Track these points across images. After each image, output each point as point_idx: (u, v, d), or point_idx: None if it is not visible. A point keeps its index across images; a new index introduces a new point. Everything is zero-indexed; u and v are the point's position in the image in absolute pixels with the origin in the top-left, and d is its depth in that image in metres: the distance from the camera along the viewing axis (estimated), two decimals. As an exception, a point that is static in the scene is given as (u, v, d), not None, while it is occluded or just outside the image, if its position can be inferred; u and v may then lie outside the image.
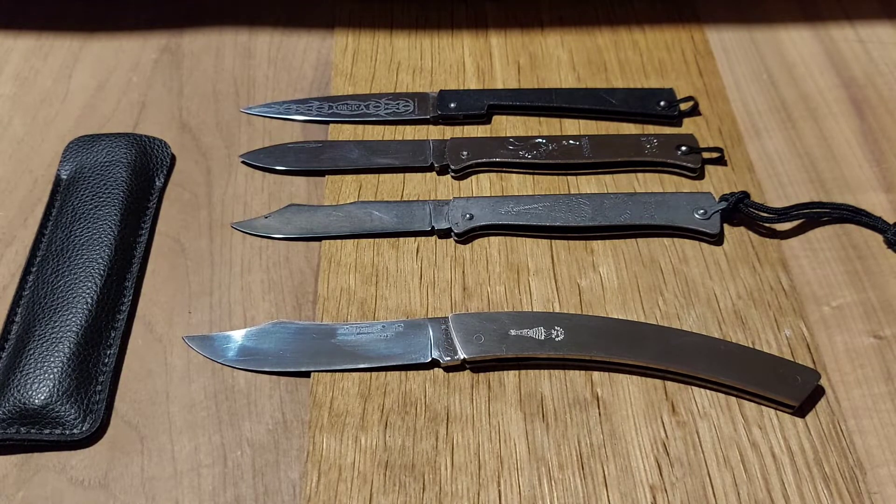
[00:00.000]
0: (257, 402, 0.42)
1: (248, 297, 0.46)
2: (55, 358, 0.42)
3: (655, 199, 0.49)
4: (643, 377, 0.42)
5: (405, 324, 0.44)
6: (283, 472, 0.40)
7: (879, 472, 0.39)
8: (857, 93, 0.56)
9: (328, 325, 0.44)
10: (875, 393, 0.42)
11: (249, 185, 0.52)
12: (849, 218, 0.49)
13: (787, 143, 0.53)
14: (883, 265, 0.47)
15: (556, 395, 0.42)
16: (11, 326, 0.44)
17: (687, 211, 0.48)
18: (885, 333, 0.44)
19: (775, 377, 0.40)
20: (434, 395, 0.42)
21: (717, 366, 0.41)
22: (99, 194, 0.49)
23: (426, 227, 0.48)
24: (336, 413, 0.41)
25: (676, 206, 0.48)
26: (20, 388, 0.41)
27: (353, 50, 0.60)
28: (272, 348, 0.43)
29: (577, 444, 0.40)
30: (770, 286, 0.46)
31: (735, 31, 0.61)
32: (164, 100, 0.57)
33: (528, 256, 0.48)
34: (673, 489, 0.39)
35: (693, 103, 0.55)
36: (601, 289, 0.46)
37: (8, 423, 0.40)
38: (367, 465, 0.39)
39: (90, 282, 0.45)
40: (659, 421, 0.41)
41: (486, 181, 0.52)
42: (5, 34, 0.61)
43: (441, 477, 0.39)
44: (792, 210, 0.48)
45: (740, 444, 0.40)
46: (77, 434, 0.40)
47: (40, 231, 0.48)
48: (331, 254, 0.48)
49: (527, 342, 0.42)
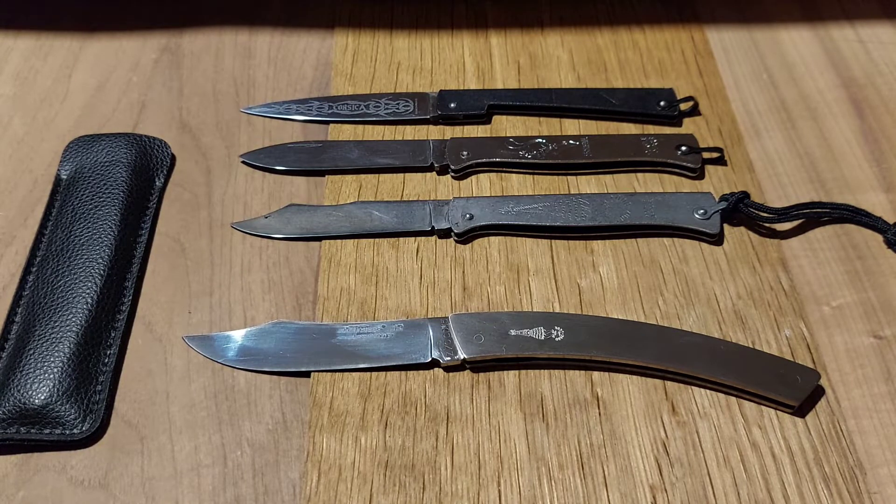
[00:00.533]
0: (257, 402, 0.42)
1: (248, 297, 0.46)
2: (55, 358, 0.42)
3: (655, 199, 0.49)
4: (643, 377, 0.42)
5: (405, 324, 0.44)
6: (283, 472, 0.40)
7: (879, 472, 0.39)
8: (857, 93, 0.56)
9: (328, 325, 0.44)
10: (875, 393, 0.42)
11: (249, 185, 0.52)
12: (849, 218, 0.49)
13: (787, 143, 0.53)
14: (883, 265, 0.47)
15: (556, 395, 0.42)
16: (11, 326, 0.44)
17: (687, 211, 0.48)
18: (885, 333, 0.44)
19: (775, 377, 0.40)
20: (434, 395, 0.42)
21: (717, 366, 0.41)
22: (99, 194, 0.49)
23: (426, 227, 0.48)
24: (336, 413, 0.41)
25: (676, 206, 0.48)
26: (20, 388, 0.41)
27: (353, 50, 0.60)
28: (272, 348, 0.43)
29: (577, 444, 0.40)
30: (770, 286, 0.46)
31: (735, 31, 0.61)
32: (163, 100, 0.57)
33: (528, 256, 0.48)
34: (673, 489, 0.39)
35: (693, 103, 0.55)
36: (601, 289, 0.46)
37: (8, 423, 0.40)
38: (367, 465, 0.39)
39: (90, 282, 0.45)
40: (659, 421, 0.41)
41: (486, 181, 0.52)
42: (5, 34, 0.61)
43: (441, 477, 0.39)
44: (792, 210, 0.48)
45: (740, 444, 0.40)
46: (77, 434, 0.40)
47: (40, 231, 0.48)
48: (331, 254, 0.48)
49: (527, 342, 0.42)
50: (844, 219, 0.49)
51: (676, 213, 0.48)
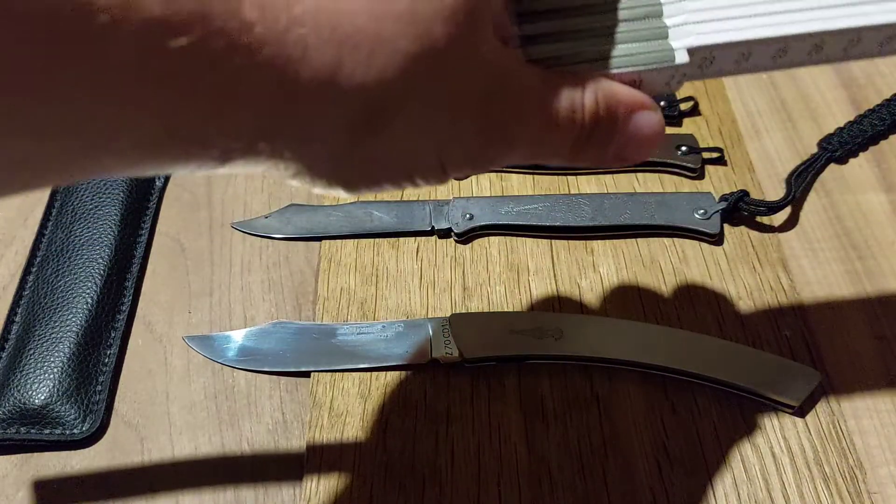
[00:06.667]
0: (257, 402, 0.42)
1: (248, 297, 0.46)
2: (55, 358, 0.42)
3: (655, 199, 0.49)
4: (643, 377, 0.42)
5: (405, 324, 0.44)
6: (283, 472, 0.40)
7: (879, 472, 0.39)
8: (857, 93, 0.56)
9: (328, 325, 0.44)
10: (875, 393, 0.42)
11: (249, 185, 0.52)
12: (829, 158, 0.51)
13: (787, 143, 0.53)
14: (883, 265, 0.47)
15: (556, 395, 0.42)
16: (11, 326, 0.44)
17: (687, 211, 0.48)
18: (885, 334, 0.44)
19: (775, 377, 0.40)
20: (434, 396, 0.42)
21: (718, 366, 0.41)
22: (99, 194, 0.49)
23: (426, 226, 0.48)
24: (336, 413, 0.41)
25: (676, 206, 0.48)
26: (20, 388, 0.41)
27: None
28: (272, 348, 0.43)
29: (577, 444, 0.40)
30: (770, 286, 0.46)
31: (735, 31, 0.61)
32: (164, 100, 0.57)
33: (528, 256, 0.48)
34: (673, 489, 0.39)
35: (693, 103, 0.55)
36: (601, 289, 0.46)
37: (8, 423, 0.40)
38: (367, 465, 0.39)
39: (90, 282, 0.45)
40: (659, 421, 0.41)
41: (485, 181, 0.52)
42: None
43: (441, 477, 0.39)
44: (787, 196, 0.48)
45: (740, 444, 0.40)
46: (77, 434, 0.40)
47: (40, 231, 0.48)
48: (331, 254, 0.48)
49: (527, 342, 0.42)
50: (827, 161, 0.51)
51: (676, 213, 0.48)
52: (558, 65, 0.27)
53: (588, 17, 0.28)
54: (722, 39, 0.28)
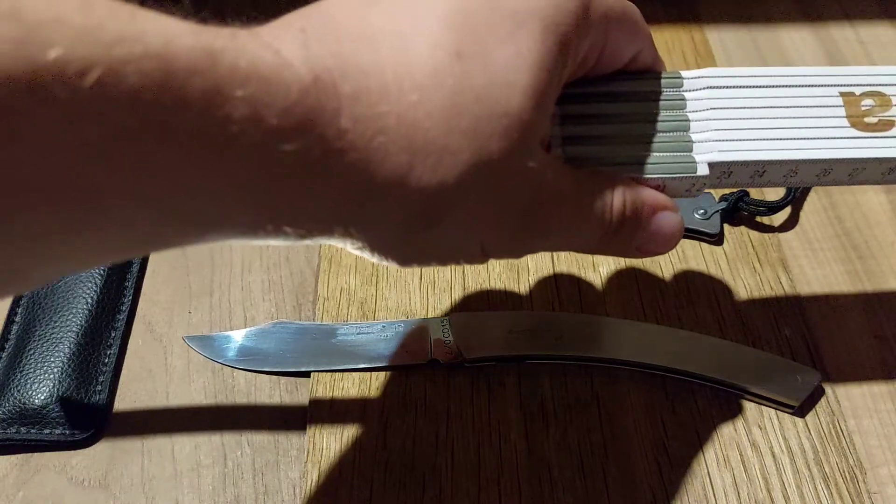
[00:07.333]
0: (257, 402, 0.42)
1: (248, 297, 0.46)
2: (55, 358, 0.42)
3: (655, 200, 0.49)
4: (643, 377, 0.42)
5: (405, 324, 0.44)
6: (283, 472, 0.40)
7: (879, 472, 0.39)
8: (857, 93, 0.56)
9: (328, 325, 0.44)
10: (875, 393, 0.42)
11: (249, 185, 0.52)
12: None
13: (787, 143, 0.53)
14: (883, 265, 0.47)
15: (556, 395, 0.42)
16: (11, 326, 0.44)
17: (687, 211, 0.48)
18: (885, 333, 0.44)
19: (775, 377, 0.40)
20: (434, 395, 0.42)
21: (717, 366, 0.41)
22: (99, 194, 0.49)
23: (426, 227, 0.48)
24: (336, 413, 0.41)
25: (676, 207, 0.48)
26: (20, 388, 0.41)
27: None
28: (272, 348, 0.43)
29: (577, 444, 0.40)
30: (770, 286, 0.46)
31: (735, 31, 0.61)
32: (164, 100, 0.57)
33: (527, 256, 0.47)
34: (673, 489, 0.39)
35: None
36: (601, 289, 0.46)
37: (8, 423, 0.40)
38: (366, 464, 0.39)
39: (90, 282, 0.45)
40: (659, 421, 0.41)
41: (486, 181, 0.52)
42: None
43: (441, 477, 0.39)
44: (787, 196, 0.48)
45: (740, 444, 0.40)
46: (77, 434, 0.40)
47: (40, 231, 0.48)
48: (331, 254, 0.48)
49: (527, 342, 0.42)
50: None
51: (676, 214, 0.48)
52: (593, 165, 0.30)
53: (624, 125, 0.31)
54: (740, 158, 0.31)
